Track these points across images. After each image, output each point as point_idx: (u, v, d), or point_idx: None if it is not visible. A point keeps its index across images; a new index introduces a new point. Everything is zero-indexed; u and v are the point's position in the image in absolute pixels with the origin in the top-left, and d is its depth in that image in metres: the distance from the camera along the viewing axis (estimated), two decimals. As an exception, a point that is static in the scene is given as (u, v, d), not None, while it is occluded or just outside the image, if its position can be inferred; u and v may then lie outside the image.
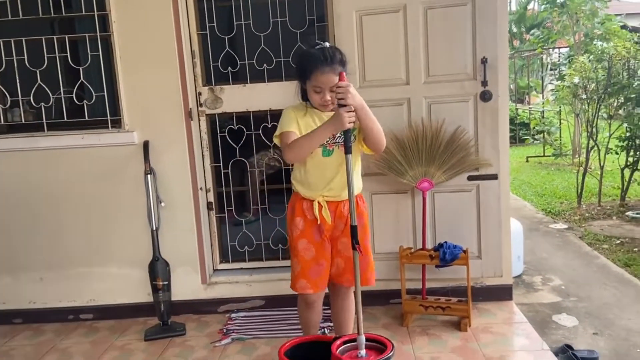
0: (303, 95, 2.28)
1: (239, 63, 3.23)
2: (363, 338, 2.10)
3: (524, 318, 2.98)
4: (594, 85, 5.75)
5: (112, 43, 3.07)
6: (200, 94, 3.21)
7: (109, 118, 3.15)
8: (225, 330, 3.00)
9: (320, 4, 3.16)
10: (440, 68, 2.95)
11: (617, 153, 5.58)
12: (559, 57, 10.13)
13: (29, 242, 3.25)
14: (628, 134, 5.40)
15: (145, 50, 3.07)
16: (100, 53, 3.10)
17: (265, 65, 3.20)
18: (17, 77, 3.13)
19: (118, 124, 3.15)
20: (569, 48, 9.44)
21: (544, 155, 8.82)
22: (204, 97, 3.21)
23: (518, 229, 3.75)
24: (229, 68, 3.24)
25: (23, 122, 3.25)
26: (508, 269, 3.13)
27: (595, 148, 5.71)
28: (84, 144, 3.15)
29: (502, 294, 3.15)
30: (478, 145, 2.98)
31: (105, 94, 3.14)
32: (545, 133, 8.94)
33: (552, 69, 9.82)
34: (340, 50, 2.20)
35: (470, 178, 3.00)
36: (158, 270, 3.07)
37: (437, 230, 3.07)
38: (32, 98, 3.17)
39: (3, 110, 3.23)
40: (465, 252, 2.83)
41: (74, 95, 3.18)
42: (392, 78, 2.99)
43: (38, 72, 3.13)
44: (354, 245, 2.08)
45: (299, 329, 2.85)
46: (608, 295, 3.49)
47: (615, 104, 5.60)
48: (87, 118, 3.17)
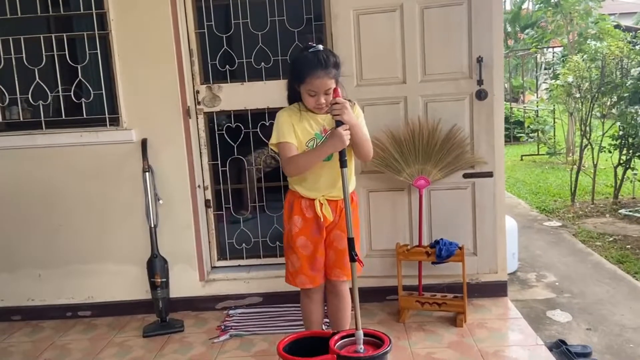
0: (290, 96, 2.28)
1: (237, 61, 3.25)
2: (361, 333, 2.13)
3: (519, 314, 3.01)
4: (588, 85, 5.79)
5: (110, 41, 3.08)
6: (198, 92, 3.23)
7: (107, 116, 3.16)
8: (224, 327, 3.02)
9: (318, 3, 3.18)
10: (437, 67, 2.98)
11: (610, 151, 5.63)
12: (553, 56, 10.20)
13: (28, 239, 3.26)
14: (621, 133, 5.44)
15: (144, 49, 3.08)
16: (99, 51, 3.12)
17: (263, 64, 3.22)
18: (15, 75, 3.14)
19: (116, 122, 3.17)
20: (563, 47, 9.51)
21: (538, 154, 8.88)
22: (202, 95, 3.23)
23: (513, 226, 3.78)
24: (227, 66, 3.26)
25: (21, 120, 3.26)
26: (503, 266, 3.16)
27: (589, 146, 5.76)
28: (82, 142, 3.16)
29: (497, 290, 3.18)
30: (473, 144, 3.01)
31: (104, 92, 3.15)
32: (540, 132, 8.98)
33: (546, 68, 9.87)
34: (334, 53, 2.20)
35: (466, 176, 3.03)
36: (156, 267, 3.09)
37: (433, 227, 3.10)
38: (30, 96, 3.17)
39: (1, 108, 3.23)
40: (461, 248, 2.87)
41: (72, 93, 3.18)
42: (388, 77, 3.02)
43: (36, 70, 3.13)
44: (353, 258, 2.12)
45: (297, 326, 2.88)
46: (601, 292, 3.53)
47: (609, 103, 5.64)
48: (85, 116, 3.19)
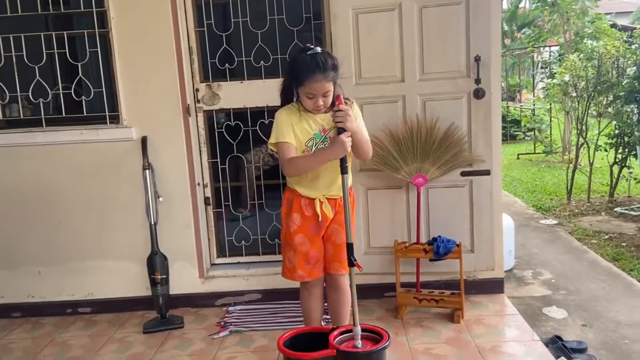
0: (284, 96, 2.30)
1: (236, 60, 3.27)
2: (359, 329, 2.16)
3: (515, 310, 3.04)
4: (584, 84, 5.82)
5: (110, 39, 3.10)
6: (198, 91, 3.24)
7: (107, 114, 3.18)
8: (223, 323, 3.04)
9: (317, 2, 3.19)
10: (435, 66, 3.00)
11: (606, 150, 5.67)
12: (550, 55, 10.24)
13: (28, 236, 3.27)
14: (617, 132, 5.49)
15: (144, 47, 3.10)
16: (99, 49, 3.13)
17: (263, 62, 3.24)
18: (15, 72, 3.15)
19: (116, 120, 3.18)
20: (560, 46, 9.55)
21: (535, 153, 8.92)
22: (202, 93, 3.25)
23: (509, 224, 3.82)
24: (227, 65, 3.27)
25: (21, 117, 3.27)
26: (500, 263, 3.19)
27: (585, 145, 5.80)
28: (82, 140, 3.17)
29: (494, 287, 3.21)
30: (471, 142, 3.03)
31: (104, 90, 3.17)
32: (536, 130, 9.03)
33: (543, 67, 9.91)
34: (332, 55, 2.21)
35: (464, 174, 3.06)
36: (157, 264, 3.10)
37: (431, 225, 3.12)
38: (30, 93, 3.18)
39: (1, 106, 3.24)
40: (459, 246, 2.89)
41: (73, 91, 3.20)
42: (387, 75, 3.04)
43: (37, 67, 3.15)
44: (352, 262, 2.16)
45: (296, 322, 2.91)
46: (597, 289, 3.57)
47: (605, 102, 5.68)
48: (85, 114, 3.20)
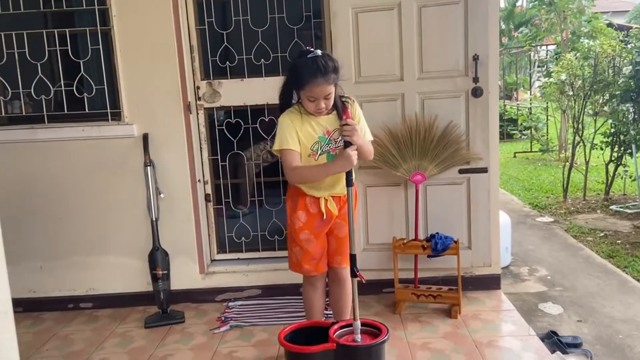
0: (283, 99, 2.32)
1: (237, 58, 3.29)
2: (358, 323, 2.20)
3: (512, 306, 3.08)
4: (581, 82, 5.87)
5: (112, 37, 3.12)
6: (199, 88, 3.27)
7: (109, 111, 3.20)
8: (224, 318, 3.08)
9: (317, 1, 3.22)
10: (433, 65, 3.04)
11: (602, 149, 5.72)
12: (547, 54, 10.28)
13: (29, 231, 3.30)
14: (613, 130, 5.53)
15: (145, 45, 3.12)
16: (101, 47, 3.14)
17: (263, 60, 3.26)
18: (18, 69, 3.17)
19: (118, 117, 3.20)
20: (557, 45, 9.59)
21: (531, 151, 8.98)
22: (203, 91, 3.27)
23: (506, 222, 3.86)
24: (227, 63, 3.30)
25: (23, 114, 3.29)
26: (497, 259, 3.24)
27: (581, 144, 5.85)
28: (84, 136, 3.20)
29: (490, 283, 3.25)
30: (469, 140, 3.07)
31: (105, 87, 3.19)
32: (533, 129, 9.08)
33: (539, 66, 9.95)
34: (333, 58, 2.21)
35: (461, 171, 3.10)
36: (158, 260, 3.13)
37: (429, 222, 3.16)
38: (32, 90, 3.20)
39: (4, 102, 3.26)
40: (456, 242, 2.93)
41: (74, 88, 3.21)
42: (386, 74, 3.07)
43: (39, 64, 3.16)
44: (355, 273, 2.19)
45: (296, 317, 2.95)
46: (592, 285, 3.62)
47: (601, 101, 5.73)
48: (87, 111, 3.22)
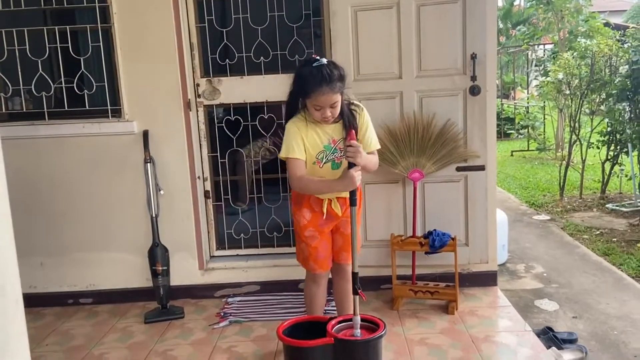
0: (290, 107, 2.31)
1: (237, 55, 3.31)
2: (358, 318, 2.23)
3: (508, 302, 3.12)
4: (577, 82, 5.90)
5: (112, 34, 3.14)
6: (199, 85, 3.29)
7: (109, 107, 3.22)
8: (223, 314, 3.10)
9: (317, -1, 3.25)
10: (432, 63, 3.07)
11: (598, 147, 5.76)
12: (544, 53, 10.32)
13: (30, 228, 3.31)
14: (609, 129, 5.57)
15: (145, 42, 3.14)
16: (101, 44, 3.16)
17: (262, 58, 3.28)
18: (18, 66, 3.18)
19: (118, 114, 3.22)
20: (554, 44, 9.63)
21: (528, 150, 9.02)
22: (202, 88, 3.29)
23: (503, 219, 3.89)
24: (227, 60, 3.32)
25: (24, 110, 3.31)
26: (493, 256, 3.27)
27: (578, 142, 5.89)
28: (85, 133, 3.22)
29: (487, 280, 3.29)
30: (467, 138, 3.10)
31: (106, 84, 3.21)
32: (530, 128, 9.12)
33: (537, 65, 9.99)
34: (338, 66, 2.21)
35: (459, 169, 3.13)
36: (158, 256, 3.16)
37: (426, 219, 3.19)
38: (33, 87, 3.22)
39: (4, 99, 3.27)
40: (454, 239, 2.97)
41: (75, 85, 3.23)
42: (385, 72, 3.10)
43: (39, 61, 3.18)
44: (356, 291, 2.20)
45: (294, 313, 2.97)
46: (587, 282, 3.66)
47: (597, 100, 5.76)
48: (87, 107, 3.24)
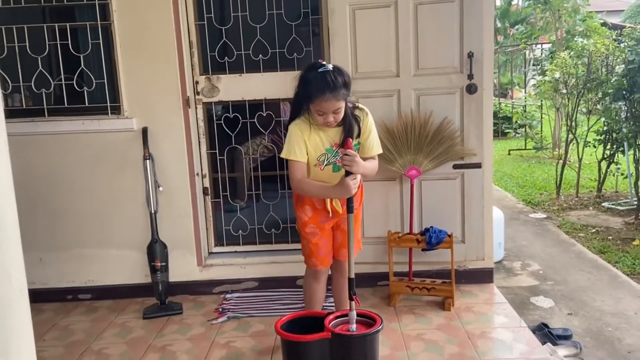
0: (295, 109, 2.34)
1: (235, 53, 3.33)
2: (354, 313, 2.25)
3: (504, 299, 3.15)
4: (574, 81, 5.94)
5: (112, 32, 3.15)
6: (198, 83, 3.31)
7: (109, 104, 3.23)
8: (221, 309, 3.13)
9: (315, -3, 3.27)
10: (429, 61, 3.09)
11: (594, 146, 5.80)
12: (542, 52, 10.35)
13: (29, 223, 3.30)
14: (605, 128, 5.59)
15: (145, 40, 3.16)
16: (101, 41, 3.18)
17: (261, 56, 3.30)
18: (18, 63, 3.19)
19: (117, 111, 3.24)
20: (552, 44, 9.66)
21: (526, 149, 9.05)
22: (201, 85, 3.31)
23: (499, 217, 3.92)
24: (226, 58, 3.34)
25: (24, 107, 3.32)
26: (490, 253, 3.29)
27: (574, 141, 5.92)
28: (84, 130, 3.23)
29: (483, 277, 3.31)
30: (463, 136, 3.12)
31: (105, 81, 3.22)
32: (527, 127, 9.15)
33: (534, 64, 10.03)
34: (343, 72, 2.21)
35: (456, 167, 3.15)
36: (156, 252, 3.18)
37: (423, 216, 3.22)
38: (33, 84, 3.23)
39: (4, 96, 3.28)
40: (450, 236, 2.99)
41: (75, 82, 3.25)
42: (383, 70, 3.12)
43: (39, 58, 3.20)
44: (351, 297, 2.24)
45: (292, 309, 3.00)
46: (583, 280, 3.69)
47: (594, 99, 5.79)
48: (87, 104, 3.26)
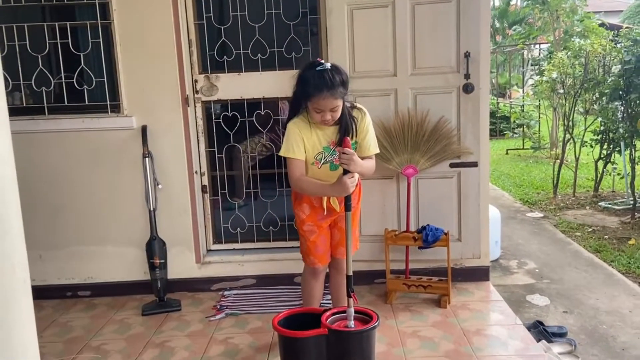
0: (293, 107, 2.37)
1: (234, 52, 3.35)
2: (352, 310, 2.28)
3: (500, 297, 3.17)
4: (572, 81, 5.96)
5: (112, 31, 3.17)
6: (197, 82, 3.33)
7: (109, 103, 3.25)
8: (219, 307, 3.15)
9: (313, -3, 3.29)
10: (426, 61, 3.12)
11: (591, 146, 5.82)
12: (540, 52, 10.38)
13: (29, 221, 3.28)
14: (602, 128, 5.62)
15: (145, 39, 3.18)
16: (101, 40, 3.20)
17: (260, 55, 3.33)
18: (18, 61, 3.22)
19: (117, 109, 3.26)
20: (550, 44, 9.69)
21: (523, 148, 9.08)
22: (200, 84, 3.34)
23: (496, 216, 3.95)
24: (225, 57, 3.36)
25: (24, 105, 3.34)
26: (486, 252, 3.32)
27: (572, 141, 5.95)
28: (84, 128, 3.25)
29: (479, 275, 3.34)
30: (460, 135, 3.15)
31: (105, 80, 3.25)
32: (525, 126, 9.18)
33: (532, 65, 10.05)
34: (341, 71, 2.24)
35: (452, 165, 3.18)
36: (155, 249, 3.21)
37: (420, 214, 3.24)
38: (33, 82, 3.25)
39: (4, 94, 3.30)
40: (447, 234, 3.02)
41: (75, 80, 3.27)
42: (380, 69, 3.14)
43: (39, 57, 3.22)
44: (349, 294, 2.25)
45: (290, 306, 3.03)
46: (578, 278, 3.72)
47: (591, 99, 5.82)
48: (87, 102, 3.28)
